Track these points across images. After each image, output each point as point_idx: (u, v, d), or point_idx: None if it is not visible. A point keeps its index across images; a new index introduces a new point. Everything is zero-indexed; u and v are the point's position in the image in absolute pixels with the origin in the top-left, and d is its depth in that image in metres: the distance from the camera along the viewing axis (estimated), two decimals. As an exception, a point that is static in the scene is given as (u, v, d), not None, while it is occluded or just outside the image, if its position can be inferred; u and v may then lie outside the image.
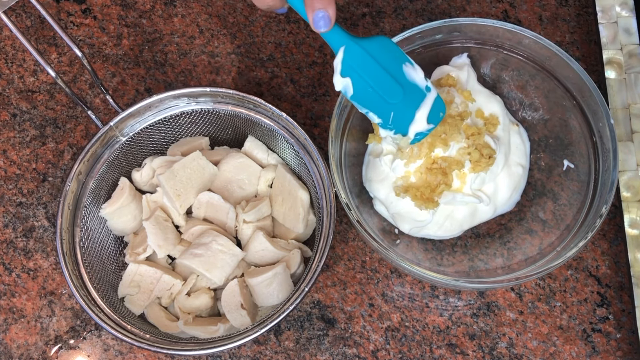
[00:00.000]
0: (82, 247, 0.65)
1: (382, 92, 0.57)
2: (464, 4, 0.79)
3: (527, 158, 0.69)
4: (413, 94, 0.58)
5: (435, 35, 0.67)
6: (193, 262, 0.63)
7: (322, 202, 0.64)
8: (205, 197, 0.66)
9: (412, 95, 0.58)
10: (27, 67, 0.79)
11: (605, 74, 0.72)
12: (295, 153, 0.68)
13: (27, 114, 0.77)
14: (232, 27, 0.80)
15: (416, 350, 0.67)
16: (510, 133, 0.68)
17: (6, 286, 0.71)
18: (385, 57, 0.56)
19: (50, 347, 0.69)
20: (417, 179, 0.65)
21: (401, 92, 0.57)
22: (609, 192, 0.60)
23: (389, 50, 0.56)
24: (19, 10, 0.81)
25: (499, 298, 0.69)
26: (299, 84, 0.77)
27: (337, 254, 0.71)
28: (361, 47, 0.55)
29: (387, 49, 0.56)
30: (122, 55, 0.79)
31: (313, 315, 0.69)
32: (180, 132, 0.71)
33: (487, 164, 0.64)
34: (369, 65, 0.56)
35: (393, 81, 0.56)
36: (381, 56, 0.56)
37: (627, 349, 0.67)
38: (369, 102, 0.57)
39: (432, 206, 0.64)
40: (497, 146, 0.65)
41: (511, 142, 0.68)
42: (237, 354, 0.68)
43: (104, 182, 0.68)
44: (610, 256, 0.69)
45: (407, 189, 0.64)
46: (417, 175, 0.65)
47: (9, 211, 0.73)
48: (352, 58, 0.55)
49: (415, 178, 0.65)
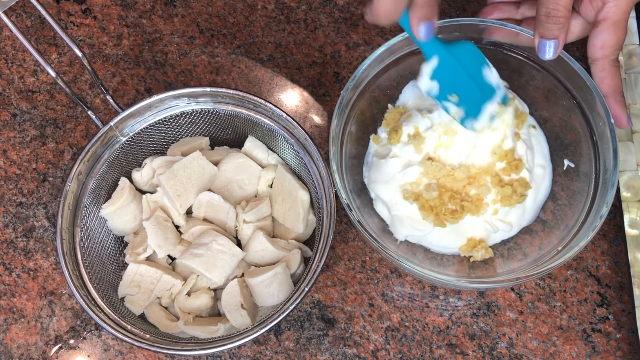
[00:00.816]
0: (82, 247, 0.65)
1: (463, 92, 0.62)
2: (464, 4, 0.79)
3: (547, 159, 0.68)
4: (487, 91, 0.63)
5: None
6: (193, 262, 0.63)
7: (322, 202, 0.64)
8: (206, 197, 0.66)
9: (485, 93, 0.63)
10: (27, 67, 0.79)
11: (605, 74, 0.72)
12: (295, 153, 0.68)
13: (27, 114, 0.77)
14: (232, 27, 0.80)
15: (416, 350, 0.67)
16: (530, 137, 0.68)
17: (6, 286, 0.71)
18: (468, 61, 0.62)
19: (50, 347, 0.69)
20: (426, 191, 0.64)
21: (478, 92, 0.62)
22: (609, 192, 0.60)
23: (472, 55, 0.62)
24: (19, 10, 0.81)
25: (499, 298, 0.69)
26: (299, 84, 0.77)
27: (337, 254, 0.71)
28: (452, 56, 0.61)
29: (471, 53, 0.62)
30: (122, 55, 0.79)
31: (313, 315, 0.69)
32: (180, 132, 0.71)
33: (518, 201, 0.64)
34: (456, 71, 0.61)
35: (474, 83, 0.62)
36: (466, 61, 0.61)
37: (627, 349, 0.67)
38: (448, 101, 0.63)
39: (439, 224, 0.64)
40: (530, 177, 0.64)
41: (534, 146, 0.68)
42: (237, 354, 0.68)
43: (104, 182, 0.68)
44: (610, 256, 0.69)
45: (417, 197, 0.64)
46: (427, 188, 0.64)
47: (9, 211, 0.73)
48: (443, 65, 0.61)
49: (424, 188, 0.64)
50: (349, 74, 0.77)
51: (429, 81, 0.61)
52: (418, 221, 0.65)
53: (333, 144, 0.64)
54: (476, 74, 0.62)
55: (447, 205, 0.64)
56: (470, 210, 0.64)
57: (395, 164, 0.65)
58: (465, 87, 0.62)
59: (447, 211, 0.63)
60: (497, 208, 0.64)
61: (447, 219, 0.64)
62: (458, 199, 0.64)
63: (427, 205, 0.64)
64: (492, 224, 0.65)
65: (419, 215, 0.65)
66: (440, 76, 0.61)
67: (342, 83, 0.77)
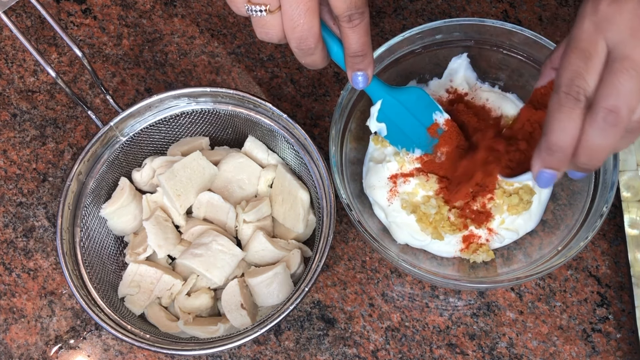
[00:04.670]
0: (82, 247, 0.65)
1: (410, 132, 0.64)
2: (464, 4, 0.79)
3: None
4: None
5: (435, 35, 0.67)
6: (193, 262, 0.63)
7: (322, 202, 0.64)
8: (206, 197, 0.66)
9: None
10: (27, 67, 0.79)
11: (605, 74, 0.72)
12: (295, 153, 0.68)
13: (27, 114, 0.77)
14: (232, 27, 0.80)
15: (416, 350, 0.67)
16: None
17: (6, 286, 0.71)
18: (415, 104, 0.63)
19: (50, 347, 0.69)
20: (425, 205, 0.64)
21: (424, 131, 0.65)
22: (609, 192, 0.60)
23: (419, 98, 0.64)
24: (19, 10, 0.81)
25: (499, 298, 0.69)
26: (299, 84, 0.77)
27: (337, 254, 0.71)
28: (396, 100, 0.62)
29: (418, 97, 0.64)
30: (122, 55, 0.79)
31: (313, 315, 0.69)
32: (180, 132, 0.71)
33: (525, 208, 0.64)
34: (401, 113, 0.63)
35: (419, 124, 0.64)
36: (412, 104, 0.63)
37: (627, 349, 0.67)
38: (399, 140, 0.65)
39: (437, 237, 0.64)
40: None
41: None
42: (237, 354, 0.68)
43: (104, 182, 0.68)
44: (610, 256, 0.69)
45: (415, 209, 0.64)
46: (425, 201, 0.64)
47: (9, 211, 0.73)
48: (388, 108, 0.63)
49: (422, 201, 0.64)
50: (349, 74, 0.76)
51: (377, 123, 0.63)
52: (416, 230, 0.65)
53: (333, 144, 0.64)
54: (422, 116, 0.64)
55: (448, 220, 0.63)
56: (475, 223, 0.64)
57: (391, 169, 0.65)
58: (412, 128, 0.64)
59: (446, 224, 0.63)
60: (504, 218, 0.64)
61: (446, 231, 0.63)
62: (460, 214, 0.63)
63: (425, 219, 0.64)
64: (499, 234, 0.64)
65: (416, 225, 0.64)
66: (386, 119, 0.63)
67: (342, 83, 0.77)
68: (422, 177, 0.64)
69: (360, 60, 0.55)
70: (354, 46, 0.54)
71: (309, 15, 0.51)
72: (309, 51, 0.53)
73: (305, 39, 0.52)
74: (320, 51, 0.54)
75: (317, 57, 0.55)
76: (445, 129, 0.64)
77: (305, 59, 0.55)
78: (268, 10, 0.51)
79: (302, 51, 0.53)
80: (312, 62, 0.55)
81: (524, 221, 0.65)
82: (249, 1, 0.51)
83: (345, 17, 0.51)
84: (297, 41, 0.52)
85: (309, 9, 0.50)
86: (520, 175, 0.55)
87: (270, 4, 0.51)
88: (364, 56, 0.55)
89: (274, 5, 0.51)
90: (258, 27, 0.53)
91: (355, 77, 0.57)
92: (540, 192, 0.65)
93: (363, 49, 0.54)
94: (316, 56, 0.54)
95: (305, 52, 0.54)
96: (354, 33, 0.53)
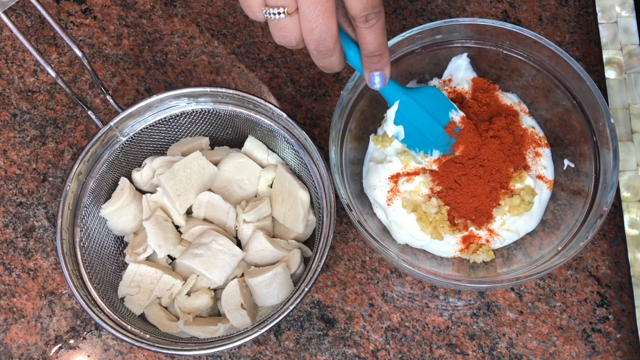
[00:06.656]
0: (82, 247, 0.65)
1: (428, 133, 0.64)
2: (464, 4, 0.79)
3: (549, 160, 0.68)
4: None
5: (435, 35, 0.67)
6: (193, 262, 0.63)
7: (322, 202, 0.64)
8: (205, 197, 0.66)
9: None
10: (27, 67, 0.79)
11: (605, 74, 0.72)
12: (295, 153, 0.68)
13: (27, 114, 0.77)
14: (232, 27, 0.80)
15: (416, 350, 0.67)
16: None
17: (6, 286, 0.71)
18: (431, 104, 0.63)
19: (50, 347, 0.69)
20: (426, 204, 0.64)
21: (442, 130, 0.64)
22: (609, 192, 0.60)
23: (435, 98, 0.64)
24: (19, 10, 0.81)
25: (499, 298, 0.69)
26: (299, 84, 0.77)
27: (337, 254, 0.71)
28: (414, 100, 0.62)
29: (434, 97, 0.64)
30: (122, 55, 0.79)
31: (313, 315, 0.69)
32: (180, 132, 0.71)
33: (526, 209, 0.64)
34: (419, 114, 0.63)
35: (437, 123, 0.64)
36: (428, 104, 0.63)
37: (627, 349, 0.67)
38: (416, 142, 0.64)
39: (436, 237, 0.64)
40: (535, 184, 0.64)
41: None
42: (237, 354, 0.68)
43: (104, 182, 0.68)
44: (610, 256, 0.69)
45: (416, 208, 0.64)
46: (426, 200, 0.64)
47: (9, 211, 0.73)
48: (406, 109, 0.62)
49: (424, 200, 0.64)
50: (349, 74, 0.76)
51: (394, 126, 0.63)
52: (416, 230, 0.65)
53: (333, 144, 0.64)
54: (439, 115, 0.64)
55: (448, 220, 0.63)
56: (475, 224, 0.64)
57: (391, 169, 0.65)
58: (430, 126, 0.64)
59: (446, 225, 0.63)
60: (505, 219, 0.64)
61: (446, 231, 0.64)
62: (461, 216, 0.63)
63: (425, 218, 0.64)
64: (500, 236, 0.65)
65: (416, 224, 0.64)
66: (404, 121, 0.63)
67: (342, 83, 0.77)
68: (427, 176, 0.64)
69: (377, 60, 0.56)
70: (370, 46, 0.54)
71: (327, 16, 0.51)
72: (328, 52, 0.53)
73: (324, 40, 0.52)
74: (339, 53, 0.54)
75: (335, 59, 0.55)
76: (462, 127, 0.64)
77: (323, 61, 0.55)
78: (286, 12, 0.51)
79: (321, 53, 0.53)
80: (329, 64, 0.55)
81: (524, 222, 0.65)
82: (266, 4, 0.51)
83: (361, 18, 0.51)
84: (315, 43, 0.52)
85: (326, 9, 0.50)
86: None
87: (289, 6, 0.51)
88: (381, 56, 0.55)
89: (292, 8, 0.51)
90: (276, 30, 0.53)
91: (373, 78, 0.57)
92: (541, 193, 0.65)
93: (380, 48, 0.54)
94: (334, 57, 0.54)
95: (324, 54, 0.53)
96: (371, 33, 0.53)
